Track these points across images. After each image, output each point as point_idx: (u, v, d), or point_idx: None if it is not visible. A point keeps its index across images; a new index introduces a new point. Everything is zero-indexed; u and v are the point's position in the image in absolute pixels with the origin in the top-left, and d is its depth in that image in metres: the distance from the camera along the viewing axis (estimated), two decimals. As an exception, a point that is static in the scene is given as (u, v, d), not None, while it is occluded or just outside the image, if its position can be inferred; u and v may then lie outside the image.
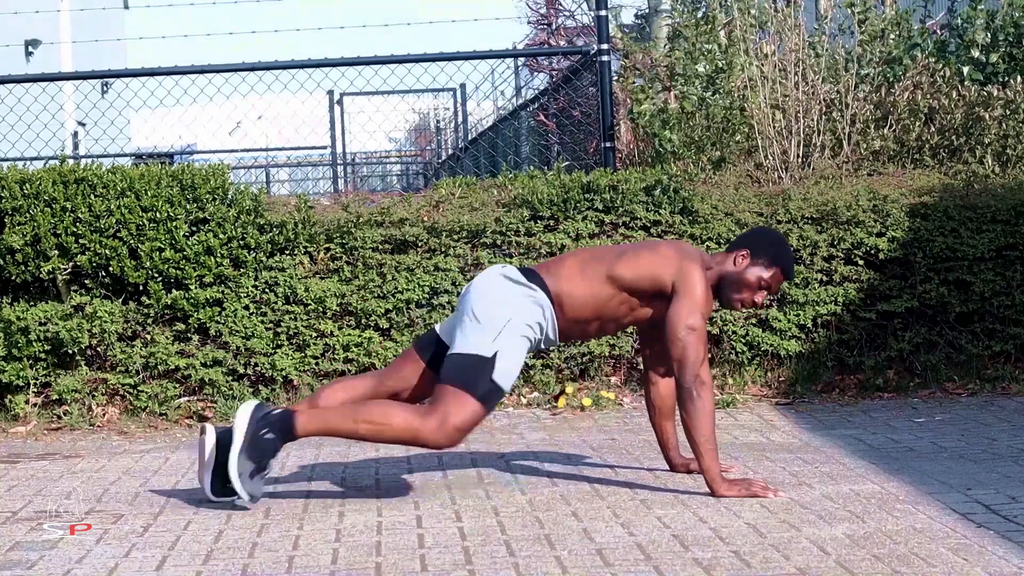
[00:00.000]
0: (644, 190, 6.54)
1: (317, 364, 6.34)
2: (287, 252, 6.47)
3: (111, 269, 6.30)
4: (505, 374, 4.19)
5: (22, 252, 6.28)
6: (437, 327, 4.47)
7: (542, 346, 4.41)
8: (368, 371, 6.24)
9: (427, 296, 6.40)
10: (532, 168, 8.26)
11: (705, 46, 7.45)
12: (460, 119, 18.06)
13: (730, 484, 4.23)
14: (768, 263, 4.38)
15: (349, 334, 6.35)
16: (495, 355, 4.18)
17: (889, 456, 4.89)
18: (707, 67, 7.38)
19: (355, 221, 6.49)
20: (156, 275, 6.30)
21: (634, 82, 7.55)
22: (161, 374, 6.31)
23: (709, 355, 6.39)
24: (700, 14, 7.74)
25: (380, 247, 6.49)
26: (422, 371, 4.42)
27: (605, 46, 7.24)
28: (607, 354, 6.41)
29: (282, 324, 6.37)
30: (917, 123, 7.15)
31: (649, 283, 4.32)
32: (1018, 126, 6.97)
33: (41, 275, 6.30)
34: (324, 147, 19.20)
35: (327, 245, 6.50)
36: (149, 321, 6.33)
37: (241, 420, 4.15)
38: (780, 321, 6.43)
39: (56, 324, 6.19)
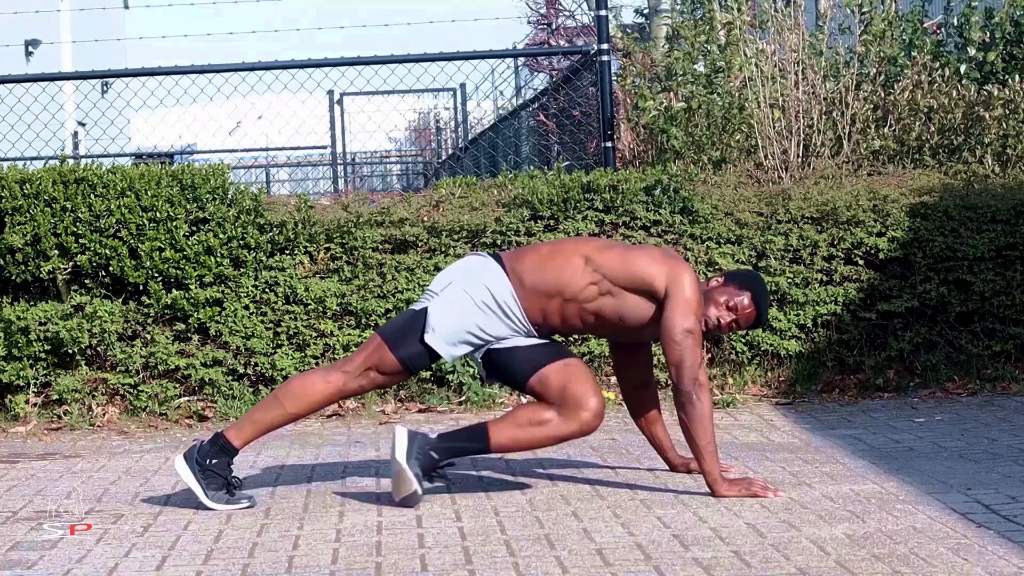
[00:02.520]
0: (644, 190, 6.54)
1: (317, 364, 6.33)
2: (287, 252, 6.47)
3: (111, 269, 6.30)
4: (434, 331, 4.18)
5: (22, 252, 6.28)
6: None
7: (510, 324, 4.21)
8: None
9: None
10: (532, 168, 8.26)
11: (704, 46, 7.45)
12: (460, 119, 18.06)
13: (730, 484, 4.23)
14: (738, 287, 4.35)
15: (349, 334, 6.35)
16: (425, 309, 4.22)
17: (889, 456, 4.89)
18: (705, 67, 7.38)
19: (355, 221, 6.49)
20: (156, 275, 6.30)
21: (633, 82, 7.55)
22: (161, 374, 6.31)
23: (709, 355, 6.39)
24: (699, 15, 7.74)
25: (380, 247, 6.49)
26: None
27: (605, 46, 7.24)
28: (607, 354, 6.41)
29: (282, 324, 6.37)
30: (917, 123, 7.15)
31: (634, 283, 4.22)
32: (1018, 126, 6.96)
33: (41, 275, 6.30)
34: (324, 147, 19.20)
35: (327, 245, 6.50)
36: (149, 321, 6.33)
37: (184, 472, 4.22)
38: (780, 321, 6.43)
39: (56, 324, 6.19)
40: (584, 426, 4.16)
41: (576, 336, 6.20)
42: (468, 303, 4.21)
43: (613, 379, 6.45)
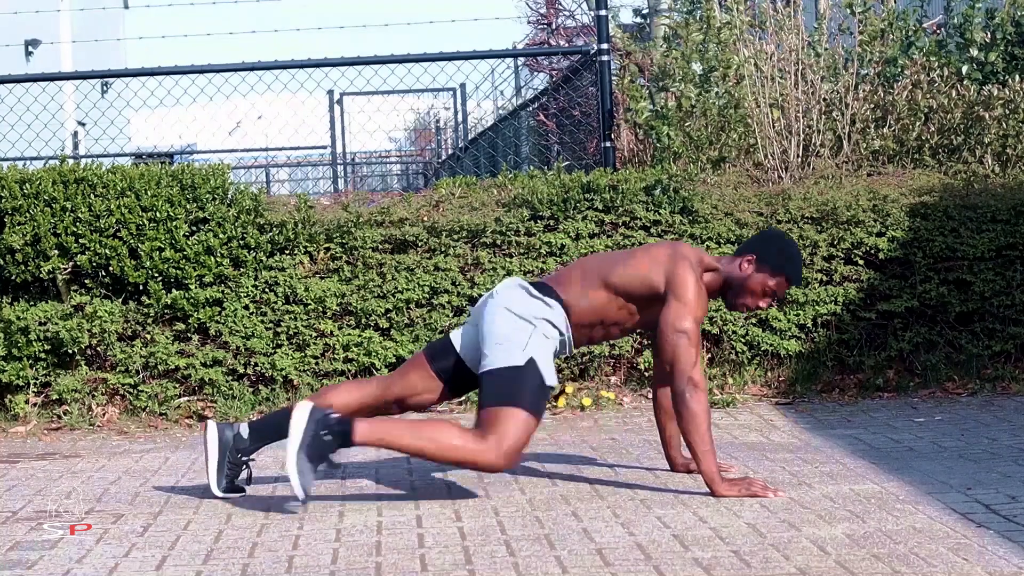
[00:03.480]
0: (644, 190, 6.54)
1: (317, 364, 6.34)
2: (287, 252, 6.47)
3: (111, 269, 6.30)
4: (546, 371, 4.21)
5: (22, 252, 6.28)
6: (452, 336, 4.45)
7: (560, 355, 4.41)
8: (372, 375, 6.26)
9: (427, 296, 6.40)
10: (532, 168, 8.27)
11: (701, 46, 7.45)
12: (460, 119, 18.06)
13: (730, 484, 4.23)
14: (773, 270, 4.36)
15: (349, 334, 6.35)
16: (529, 361, 4.20)
17: (889, 456, 4.89)
18: (702, 66, 7.38)
19: (355, 221, 6.49)
20: (156, 275, 6.30)
21: (632, 81, 7.55)
22: (161, 374, 6.31)
23: (709, 355, 6.39)
24: (698, 15, 7.74)
25: (380, 247, 6.49)
26: (430, 378, 4.42)
27: (605, 46, 7.24)
28: (607, 354, 6.42)
29: (282, 324, 6.37)
30: (917, 123, 7.15)
31: (641, 287, 4.32)
32: (1018, 126, 6.96)
33: (41, 275, 6.30)
34: (324, 147, 19.21)
35: (327, 245, 6.50)
36: (149, 321, 6.33)
37: (299, 420, 4.03)
38: (780, 321, 6.43)
39: (56, 324, 6.20)
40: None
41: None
42: (552, 336, 4.29)
43: (613, 379, 6.45)
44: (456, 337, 4.43)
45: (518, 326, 4.24)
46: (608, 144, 7.24)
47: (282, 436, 4.20)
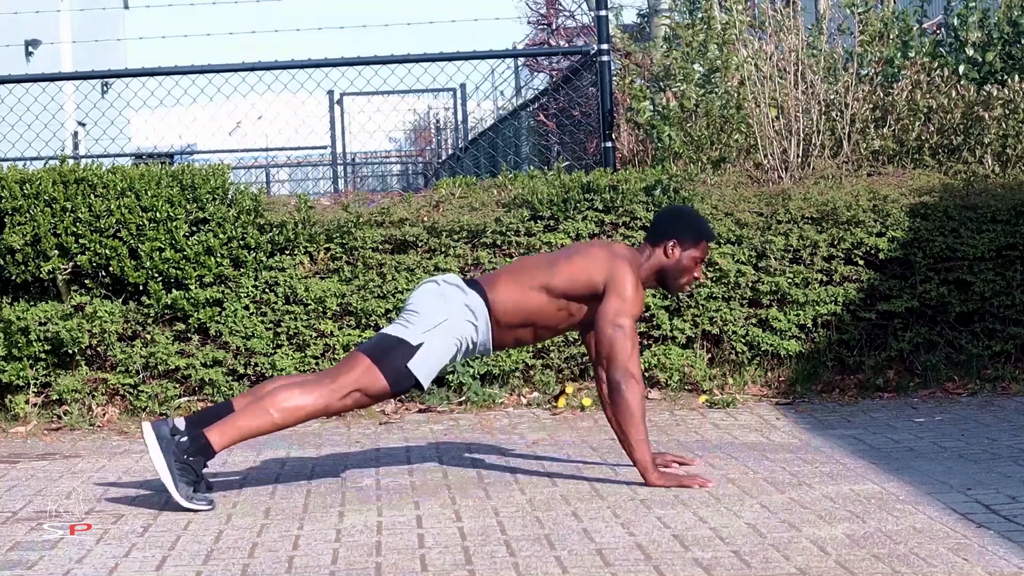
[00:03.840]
0: (644, 190, 6.54)
1: (317, 364, 6.34)
2: (287, 252, 6.47)
3: (111, 269, 6.30)
4: (422, 365, 4.36)
5: (22, 252, 6.28)
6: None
7: (474, 353, 4.54)
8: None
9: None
10: (532, 168, 8.26)
11: (702, 46, 7.45)
12: (460, 119, 18.06)
13: (661, 474, 4.40)
14: (694, 241, 4.57)
15: (349, 334, 6.35)
16: (420, 345, 4.37)
17: (889, 456, 4.89)
18: (703, 66, 7.38)
19: (355, 221, 6.49)
20: (156, 275, 6.30)
21: (633, 82, 7.55)
22: (161, 374, 6.31)
23: (709, 355, 6.39)
24: (699, 15, 7.74)
25: (380, 247, 6.49)
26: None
27: (605, 46, 7.24)
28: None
29: (282, 324, 6.37)
30: (916, 123, 7.15)
31: (583, 287, 4.48)
32: (1018, 126, 6.96)
33: (41, 275, 6.30)
34: (324, 147, 19.21)
35: (327, 245, 6.50)
36: (149, 321, 6.33)
37: (158, 460, 4.20)
38: (780, 321, 6.43)
39: (56, 324, 6.20)
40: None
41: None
42: (454, 341, 4.44)
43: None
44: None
45: (436, 309, 4.43)
46: (608, 144, 7.24)
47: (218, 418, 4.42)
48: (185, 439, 4.26)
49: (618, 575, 3.36)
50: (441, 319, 4.42)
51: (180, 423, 4.45)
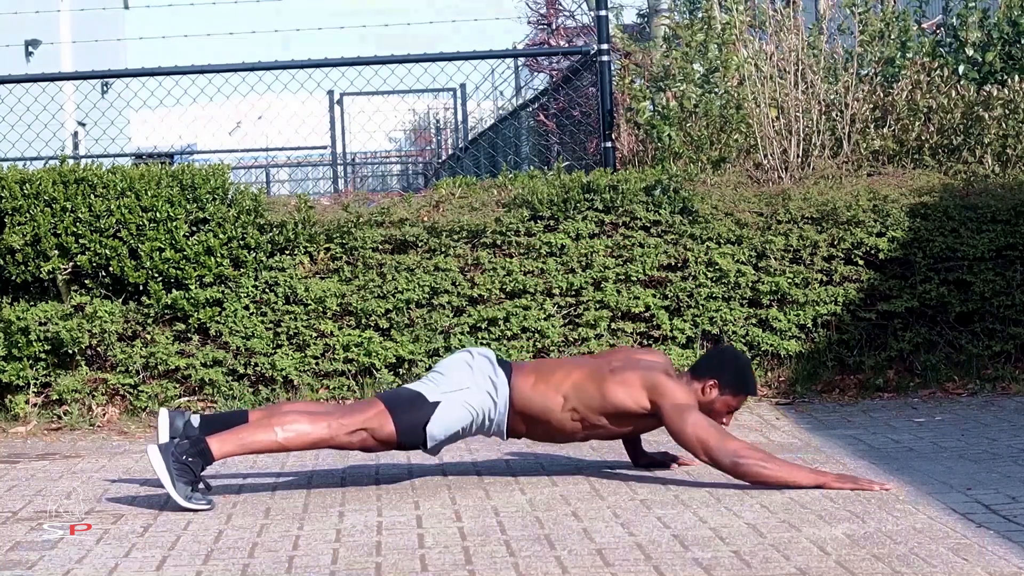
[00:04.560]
0: (644, 190, 6.54)
1: (317, 364, 6.34)
2: (287, 252, 6.47)
3: (111, 269, 6.30)
4: (434, 423, 4.37)
5: (22, 252, 6.28)
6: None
7: (488, 433, 4.54)
8: (372, 375, 6.27)
9: (427, 296, 6.40)
10: (532, 168, 8.27)
11: (701, 46, 7.45)
12: (460, 119, 18.06)
13: (836, 476, 4.31)
14: (735, 391, 4.50)
15: (349, 334, 6.35)
16: (436, 404, 4.38)
17: (889, 456, 4.89)
18: (702, 66, 7.38)
19: (355, 221, 6.49)
20: (156, 275, 6.30)
21: (633, 82, 7.55)
22: (161, 374, 6.31)
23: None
24: (699, 15, 7.74)
25: (380, 247, 6.49)
26: None
27: (605, 46, 7.24)
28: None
29: (282, 324, 6.37)
30: (916, 123, 7.15)
31: (605, 408, 4.43)
32: (1018, 126, 6.96)
33: (41, 275, 6.30)
34: (324, 147, 19.21)
35: (327, 245, 6.50)
36: (149, 321, 6.33)
37: (156, 461, 4.21)
38: (780, 321, 6.43)
39: (56, 324, 6.20)
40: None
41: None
42: (471, 411, 4.44)
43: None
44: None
45: (461, 373, 4.45)
46: (608, 144, 7.24)
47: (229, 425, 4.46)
48: (185, 442, 4.27)
49: (618, 575, 3.36)
50: (464, 386, 4.43)
51: (195, 420, 4.51)
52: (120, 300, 6.36)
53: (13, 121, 8.41)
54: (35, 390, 6.29)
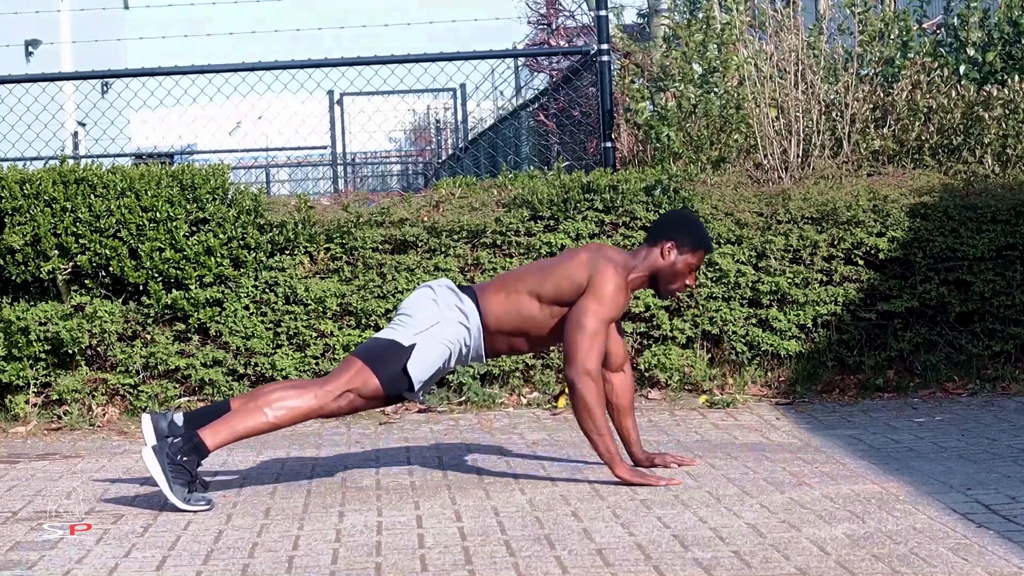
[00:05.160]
0: (644, 190, 6.54)
1: (317, 364, 6.34)
2: (287, 252, 6.47)
3: (111, 269, 6.30)
4: (415, 366, 4.37)
5: (22, 252, 6.28)
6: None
7: (467, 361, 4.55)
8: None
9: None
10: (532, 168, 8.26)
11: (701, 46, 7.45)
12: (460, 119, 18.06)
13: (630, 470, 4.42)
14: (693, 248, 4.54)
15: (349, 334, 6.35)
16: (412, 346, 4.38)
17: (889, 456, 4.89)
18: (702, 66, 7.38)
19: (355, 221, 6.49)
20: (156, 275, 6.30)
21: (633, 82, 7.55)
22: (161, 374, 6.31)
23: (709, 355, 6.38)
24: (700, 15, 7.73)
25: (380, 247, 6.49)
26: None
27: (605, 46, 7.24)
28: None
29: (282, 324, 6.37)
30: (916, 123, 7.15)
31: (570, 292, 4.45)
32: (1018, 126, 6.96)
33: (41, 275, 6.30)
34: (324, 147, 19.20)
35: (327, 245, 6.50)
36: (149, 321, 6.33)
37: (151, 463, 4.21)
38: (780, 321, 6.43)
39: (56, 324, 6.20)
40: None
41: None
42: (447, 345, 4.44)
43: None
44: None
45: (428, 311, 4.45)
46: (608, 144, 7.24)
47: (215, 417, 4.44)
48: (178, 440, 4.27)
49: (618, 575, 3.36)
50: (433, 322, 4.43)
51: (179, 418, 4.48)
52: (120, 300, 6.36)
53: (13, 121, 8.41)
54: (35, 390, 6.29)
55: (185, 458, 4.23)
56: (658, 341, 6.45)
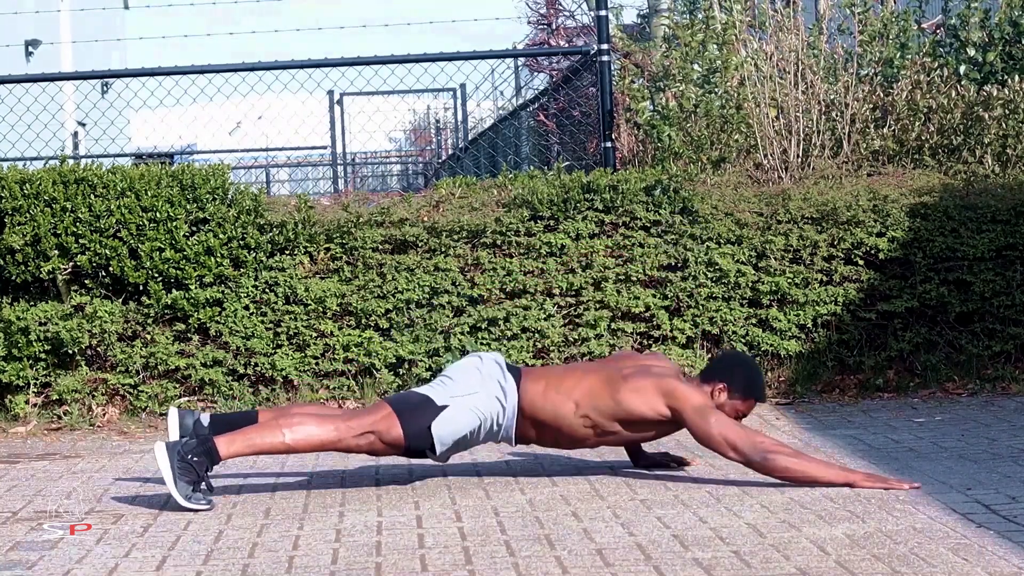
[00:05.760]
0: (644, 190, 6.54)
1: (317, 364, 6.34)
2: (287, 252, 6.47)
3: (111, 269, 6.30)
4: (442, 427, 4.35)
5: (22, 252, 6.28)
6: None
7: (496, 438, 4.53)
8: (372, 375, 6.28)
9: (427, 296, 6.40)
10: (532, 168, 8.26)
11: (701, 46, 7.45)
12: (460, 119, 18.06)
13: (865, 475, 4.31)
14: (744, 396, 4.52)
15: (349, 334, 6.35)
16: (444, 407, 4.37)
17: (889, 456, 4.89)
18: (702, 66, 7.38)
19: (355, 221, 6.49)
20: (156, 275, 6.30)
21: (633, 82, 7.55)
22: (161, 374, 6.31)
23: (709, 355, 6.38)
24: (699, 15, 7.74)
25: (380, 247, 6.49)
26: None
27: (605, 46, 7.24)
28: (607, 355, 6.41)
29: (282, 324, 6.37)
30: (916, 123, 7.15)
31: (626, 415, 4.41)
32: (1018, 126, 6.96)
33: (41, 275, 6.30)
34: (324, 147, 19.20)
35: (327, 245, 6.50)
36: (149, 321, 6.33)
37: (162, 458, 4.21)
38: (780, 321, 6.43)
39: (56, 324, 6.19)
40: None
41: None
42: (479, 415, 4.42)
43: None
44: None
45: (470, 379, 4.44)
46: (608, 144, 7.24)
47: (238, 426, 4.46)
48: (193, 440, 4.27)
49: (618, 575, 3.36)
50: (472, 391, 4.42)
51: (205, 419, 4.53)
52: (120, 300, 6.36)
53: (13, 121, 8.41)
54: (35, 390, 6.29)
55: (195, 459, 4.23)
56: (658, 341, 6.45)
